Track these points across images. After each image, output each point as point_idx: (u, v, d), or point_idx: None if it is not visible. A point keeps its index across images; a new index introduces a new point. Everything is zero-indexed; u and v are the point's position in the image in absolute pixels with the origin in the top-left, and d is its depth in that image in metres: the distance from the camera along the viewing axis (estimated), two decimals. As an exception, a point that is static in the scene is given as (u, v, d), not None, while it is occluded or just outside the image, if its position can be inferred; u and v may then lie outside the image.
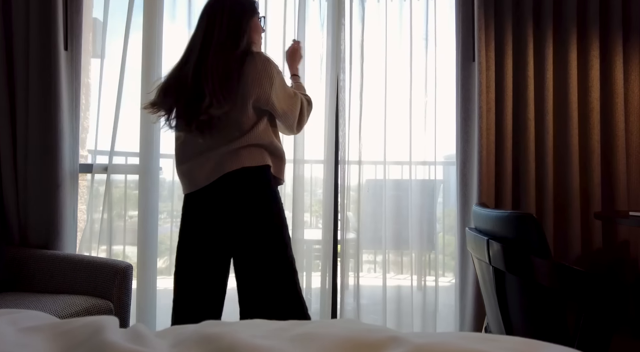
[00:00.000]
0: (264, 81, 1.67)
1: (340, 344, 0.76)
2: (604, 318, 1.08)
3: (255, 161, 1.70)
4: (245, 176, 1.69)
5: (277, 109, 1.74)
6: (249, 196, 1.70)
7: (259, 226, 1.72)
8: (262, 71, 1.67)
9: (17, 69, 2.32)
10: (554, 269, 1.15)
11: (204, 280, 1.82)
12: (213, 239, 1.76)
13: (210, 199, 1.71)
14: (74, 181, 2.41)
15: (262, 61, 1.69)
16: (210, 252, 1.78)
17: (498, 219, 1.36)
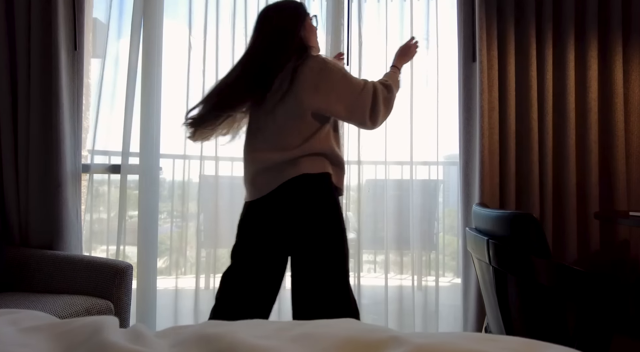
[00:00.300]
0: (321, 88, 1.62)
1: (340, 344, 0.76)
2: (604, 318, 1.08)
3: (315, 169, 1.67)
4: (305, 182, 1.66)
5: (340, 113, 1.68)
6: (309, 202, 1.68)
7: (318, 233, 1.71)
8: (319, 77, 1.62)
9: (19, 69, 2.32)
10: (554, 269, 1.15)
11: (257, 284, 1.84)
12: (273, 245, 1.77)
13: (271, 206, 1.70)
14: (75, 181, 2.41)
15: (318, 65, 1.64)
16: (268, 258, 1.80)
17: (498, 219, 1.36)
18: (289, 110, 1.64)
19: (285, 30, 1.69)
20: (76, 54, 2.37)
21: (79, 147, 2.42)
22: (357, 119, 1.72)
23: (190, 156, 2.61)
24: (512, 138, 2.38)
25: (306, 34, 1.75)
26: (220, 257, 2.83)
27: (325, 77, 1.63)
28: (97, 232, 2.69)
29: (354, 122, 1.78)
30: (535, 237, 1.19)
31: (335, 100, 1.65)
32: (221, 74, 2.59)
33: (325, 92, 1.63)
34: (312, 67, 1.63)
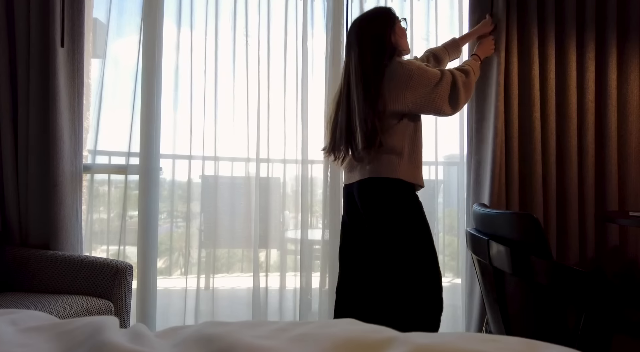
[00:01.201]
0: (402, 91, 1.73)
1: (340, 345, 0.75)
2: (604, 318, 1.08)
3: (386, 172, 1.77)
4: (375, 185, 1.78)
5: (421, 110, 1.80)
6: (377, 206, 1.78)
7: (388, 237, 1.79)
8: (400, 82, 1.73)
9: (19, 68, 2.32)
10: (554, 269, 1.15)
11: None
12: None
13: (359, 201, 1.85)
14: (75, 181, 2.41)
15: (397, 70, 1.74)
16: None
17: (498, 219, 1.35)
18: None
19: (378, 38, 1.79)
20: (72, 54, 2.37)
21: (79, 147, 2.42)
22: (434, 110, 1.80)
23: (191, 156, 2.61)
24: (516, 139, 2.38)
25: (396, 38, 1.85)
26: (220, 257, 2.83)
27: (406, 82, 1.73)
28: (97, 232, 2.69)
29: (432, 114, 1.86)
30: (536, 237, 1.19)
31: (414, 100, 1.75)
32: (221, 73, 2.60)
33: (406, 95, 1.74)
34: (389, 71, 1.74)
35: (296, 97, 2.62)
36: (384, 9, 1.88)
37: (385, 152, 1.77)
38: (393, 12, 1.87)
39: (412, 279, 1.78)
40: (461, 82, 1.79)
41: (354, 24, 1.89)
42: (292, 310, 2.65)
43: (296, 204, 2.71)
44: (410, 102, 1.74)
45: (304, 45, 2.59)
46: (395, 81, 1.73)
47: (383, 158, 1.77)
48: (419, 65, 1.78)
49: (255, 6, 2.61)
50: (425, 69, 1.77)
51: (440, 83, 1.76)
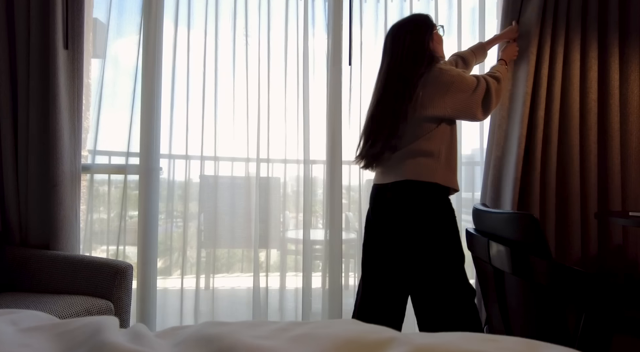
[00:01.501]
0: (442, 96, 1.77)
1: (340, 345, 0.75)
2: (604, 318, 1.08)
3: (423, 176, 1.79)
4: (411, 188, 1.79)
5: (458, 115, 1.83)
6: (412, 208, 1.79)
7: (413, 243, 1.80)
8: (440, 88, 1.77)
9: (19, 68, 2.32)
10: (553, 269, 1.15)
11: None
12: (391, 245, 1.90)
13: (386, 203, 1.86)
14: (74, 180, 2.41)
15: (434, 74, 1.77)
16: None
17: (498, 219, 1.35)
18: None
19: (416, 44, 1.83)
20: (72, 54, 2.37)
21: (78, 147, 2.42)
22: (470, 116, 1.85)
23: (190, 156, 2.61)
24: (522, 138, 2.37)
25: (434, 45, 1.88)
26: (220, 257, 2.83)
27: (444, 88, 1.77)
28: (97, 232, 2.69)
29: (466, 119, 1.91)
30: (535, 237, 1.19)
31: (451, 106, 1.78)
32: (221, 73, 2.61)
33: (443, 100, 1.77)
34: (430, 77, 1.77)
35: (297, 97, 2.62)
36: (422, 16, 1.92)
37: (423, 156, 1.79)
38: (431, 19, 1.91)
39: (436, 282, 1.79)
40: (494, 89, 1.85)
41: (391, 30, 1.92)
42: (292, 310, 2.65)
43: (296, 204, 2.71)
44: (450, 108, 1.78)
45: (304, 44, 2.59)
46: (436, 87, 1.77)
47: (421, 161, 1.80)
48: (459, 72, 1.83)
49: (255, 6, 2.61)
50: (464, 76, 1.82)
51: (476, 89, 1.81)
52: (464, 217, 2.65)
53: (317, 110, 2.63)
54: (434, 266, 1.78)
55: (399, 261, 1.85)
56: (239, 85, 2.61)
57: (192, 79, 2.59)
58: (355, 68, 2.62)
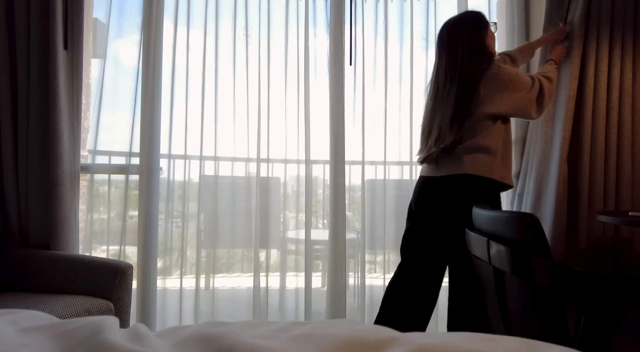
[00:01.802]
0: (501, 94, 1.80)
1: (340, 345, 0.75)
2: (604, 318, 1.08)
3: (481, 171, 1.83)
4: (468, 182, 1.83)
5: (514, 113, 1.88)
6: (460, 202, 1.81)
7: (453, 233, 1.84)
8: (499, 86, 1.80)
9: (19, 69, 2.32)
10: (554, 269, 1.15)
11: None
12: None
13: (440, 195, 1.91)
14: (74, 180, 2.41)
15: (497, 74, 1.81)
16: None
17: (498, 219, 1.35)
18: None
19: (476, 40, 1.86)
20: (71, 54, 2.37)
21: (77, 147, 2.42)
22: (525, 114, 1.89)
23: (190, 156, 2.61)
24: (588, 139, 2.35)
25: (489, 41, 1.91)
26: (220, 257, 2.83)
27: (502, 86, 1.80)
28: (97, 232, 2.69)
29: (521, 117, 1.96)
30: (536, 237, 1.19)
31: (508, 104, 1.82)
32: (221, 73, 2.61)
33: (502, 98, 1.80)
34: (489, 75, 1.80)
35: (297, 97, 2.62)
36: (476, 13, 1.95)
37: (480, 152, 1.83)
38: (484, 15, 1.94)
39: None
40: (547, 88, 1.89)
41: (446, 26, 1.94)
42: (292, 310, 2.65)
43: (297, 204, 2.71)
44: (507, 106, 1.82)
45: (305, 44, 2.59)
46: (495, 85, 1.80)
47: (479, 157, 1.83)
48: (516, 71, 1.87)
49: (255, 6, 2.61)
50: (521, 75, 1.86)
51: (532, 89, 1.85)
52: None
53: (318, 110, 2.63)
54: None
55: (442, 245, 1.90)
56: (239, 85, 2.61)
57: (192, 78, 2.59)
58: (357, 68, 2.62)
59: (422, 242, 1.96)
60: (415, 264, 1.98)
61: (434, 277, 1.97)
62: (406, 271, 2.00)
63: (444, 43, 1.92)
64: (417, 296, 1.95)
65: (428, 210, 1.95)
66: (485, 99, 1.79)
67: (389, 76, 2.63)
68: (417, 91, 2.61)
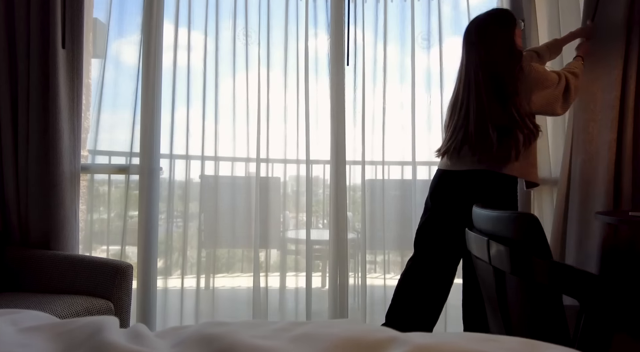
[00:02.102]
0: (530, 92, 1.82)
1: (340, 344, 0.75)
2: (604, 319, 1.08)
3: (503, 168, 1.86)
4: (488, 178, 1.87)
5: (539, 110, 1.89)
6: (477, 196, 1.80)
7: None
8: (529, 84, 1.81)
9: (19, 69, 2.32)
10: (554, 269, 1.15)
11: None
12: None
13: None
14: (73, 180, 2.41)
15: (528, 72, 1.82)
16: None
17: (498, 219, 1.35)
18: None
19: (508, 39, 1.87)
20: (71, 54, 2.36)
21: (77, 147, 2.42)
22: (550, 111, 1.91)
23: (191, 156, 2.61)
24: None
25: (517, 39, 1.92)
26: (220, 257, 2.83)
27: (531, 85, 1.82)
28: (98, 232, 2.69)
29: (546, 114, 1.98)
30: (536, 237, 1.19)
31: (536, 102, 1.83)
32: (221, 73, 2.60)
33: (531, 96, 1.82)
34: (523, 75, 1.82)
35: (297, 96, 2.62)
36: (505, 10, 1.96)
37: (502, 148, 1.83)
38: (512, 13, 1.95)
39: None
40: (573, 85, 1.90)
41: (474, 23, 1.94)
42: (292, 310, 2.65)
43: (296, 204, 2.71)
44: (535, 103, 1.83)
45: (305, 44, 2.60)
46: (526, 83, 1.81)
47: (500, 154, 1.84)
48: (544, 69, 1.90)
49: (255, 6, 2.61)
50: (548, 72, 1.88)
51: (558, 86, 1.86)
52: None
53: (319, 110, 2.63)
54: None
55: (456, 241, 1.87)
56: (240, 85, 2.61)
57: (193, 78, 2.59)
58: (357, 68, 2.62)
59: (437, 236, 1.98)
60: (428, 259, 1.99)
61: (447, 272, 1.98)
62: (418, 265, 2.01)
63: (472, 41, 1.92)
64: (429, 290, 1.97)
65: (444, 203, 1.96)
66: (521, 97, 1.81)
67: (390, 76, 2.63)
68: (418, 91, 2.61)
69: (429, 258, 1.99)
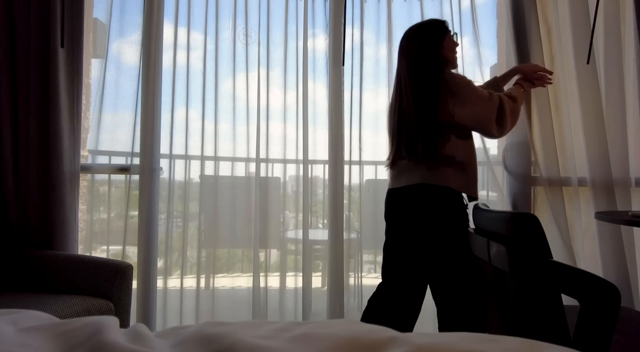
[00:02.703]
0: (449, 103, 1.76)
1: (340, 344, 0.75)
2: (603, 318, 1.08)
3: (436, 180, 1.81)
4: (423, 192, 1.82)
5: (469, 125, 1.82)
6: (418, 211, 1.84)
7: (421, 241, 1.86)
8: (448, 94, 1.76)
9: (19, 69, 2.32)
10: (554, 268, 1.15)
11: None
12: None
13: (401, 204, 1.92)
14: (74, 181, 2.41)
15: (447, 82, 1.78)
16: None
17: (498, 219, 1.35)
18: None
19: (428, 48, 1.84)
20: (71, 54, 2.36)
21: (77, 147, 2.42)
22: (481, 128, 1.84)
23: (191, 156, 2.61)
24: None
25: (445, 51, 1.87)
26: (221, 257, 2.83)
27: (453, 93, 1.77)
28: (98, 232, 2.69)
29: (479, 132, 1.88)
30: (536, 237, 1.19)
31: (460, 113, 1.78)
32: (221, 73, 2.61)
33: (454, 106, 1.77)
34: (444, 83, 1.78)
35: (296, 97, 2.62)
36: (436, 21, 1.92)
37: (436, 161, 1.81)
38: (446, 24, 1.91)
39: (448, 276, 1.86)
40: (508, 107, 1.82)
41: (406, 32, 1.93)
42: (292, 310, 2.65)
43: (296, 204, 2.71)
44: (460, 116, 1.78)
45: (304, 44, 2.60)
46: (447, 93, 1.77)
47: (434, 166, 1.82)
48: (469, 81, 1.83)
49: (255, 6, 2.61)
50: (474, 86, 1.82)
51: (488, 103, 1.79)
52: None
53: (318, 110, 2.63)
54: (443, 260, 1.85)
55: (416, 261, 1.89)
56: (239, 85, 2.61)
57: (193, 78, 2.59)
58: (356, 68, 2.62)
59: (395, 261, 1.95)
60: (391, 286, 1.95)
61: (412, 298, 1.93)
62: (383, 292, 1.97)
63: (402, 49, 1.91)
64: (395, 317, 1.91)
65: (395, 223, 1.94)
66: (442, 107, 1.77)
67: (390, 76, 2.62)
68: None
69: (392, 285, 1.95)
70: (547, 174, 2.45)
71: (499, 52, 2.69)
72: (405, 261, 1.92)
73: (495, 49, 2.71)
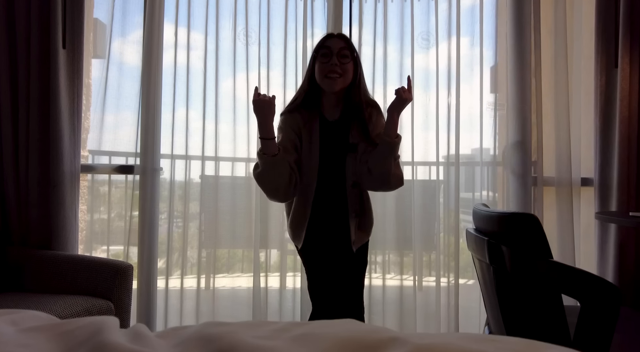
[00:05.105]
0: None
1: (340, 344, 0.75)
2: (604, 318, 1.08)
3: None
4: None
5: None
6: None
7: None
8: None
9: (19, 69, 2.32)
10: (553, 269, 1.15)
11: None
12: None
13: None
14: (74, 181, 2.41)
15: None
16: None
17: (498, 219, 1.35)
18: None
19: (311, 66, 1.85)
20: (71, 54, 2.36)
21: (77, 147, 2.42)
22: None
23: (191, 156, 2.61)
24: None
25: (318, 66, 1.80)
26: (221, 257, 2.83)
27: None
28: (98, 232, 2.69)
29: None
30: (536, 237, 1.19)
31: None
32: (222, 73, 2.61)
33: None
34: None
35: (296, 97, 2.61)
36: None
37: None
38: (320, 42, 1.83)
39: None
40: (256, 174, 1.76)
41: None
42: (292, 310, 2.65)
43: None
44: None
45: (304, 44, 2.60)
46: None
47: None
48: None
49: (255, 6, 2.61)
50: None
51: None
52: (463, 217, 2.65)
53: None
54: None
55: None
56: (240, 85, 2.61)
57: (193, 78, 2.59)
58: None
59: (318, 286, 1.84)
60: (321, 312, 1.79)
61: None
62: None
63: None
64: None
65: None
66: None
67: (390, 76, 2.62)
68: (417, 91, 2.61)
69: (322, 312, 1.79)
70: (547, 174, 2.45)
71: (499, 52, 2.69)
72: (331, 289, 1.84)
73: (496, 49, 2.71)
